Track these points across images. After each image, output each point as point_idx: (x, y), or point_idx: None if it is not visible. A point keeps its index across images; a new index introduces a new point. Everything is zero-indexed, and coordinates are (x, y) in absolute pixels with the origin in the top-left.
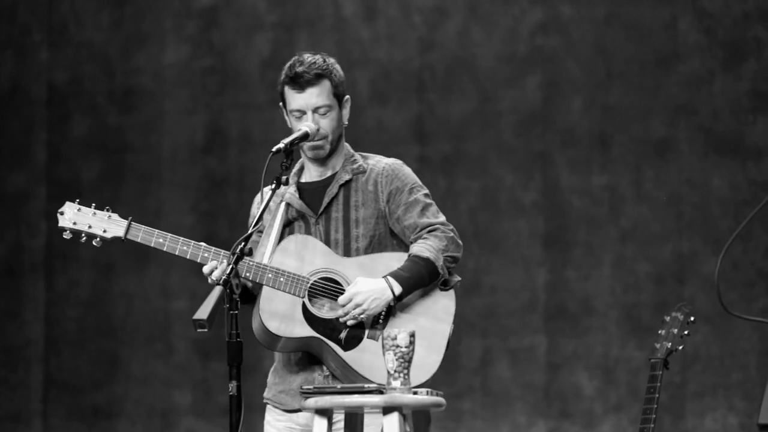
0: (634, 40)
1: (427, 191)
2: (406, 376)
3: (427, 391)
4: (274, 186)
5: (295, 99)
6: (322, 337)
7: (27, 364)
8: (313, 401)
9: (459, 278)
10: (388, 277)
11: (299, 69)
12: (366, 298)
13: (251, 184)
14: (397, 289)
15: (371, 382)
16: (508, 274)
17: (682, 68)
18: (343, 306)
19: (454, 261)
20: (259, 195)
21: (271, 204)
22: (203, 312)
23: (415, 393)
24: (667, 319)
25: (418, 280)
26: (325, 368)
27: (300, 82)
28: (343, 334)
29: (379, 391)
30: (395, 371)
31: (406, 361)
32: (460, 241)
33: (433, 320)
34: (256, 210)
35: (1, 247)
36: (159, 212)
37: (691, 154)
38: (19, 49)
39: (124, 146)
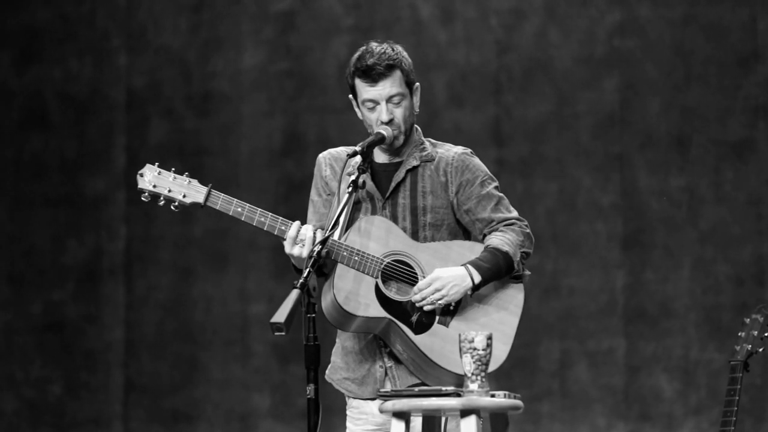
0: (713, 40)
1: (497, 183)
2: (484, 379)
3: (505, 394)
4: (351, 189)
5: (368, 91)
6: (393, 319)
7: (107, 368)
8: (391, 404)
9: (529, 273)
10: (468, 266)
11: (370, 61)
12: (446, 283)
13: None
14: (477, 278)
15: (439, 366)
16: (586, 277)
17: (762, 68)
18: (421, 290)
19: (527, 257)
20: (321, 158)
21: (338, 170)
22: (281, 315)
23: (492, 396)
24: (747, 321)
25: (496, 272)
26: (386, 359)
27: (372, 75)
28: (414, 317)
29: (457, 394)
30: (473, 374)
31: (484, 363)
32: (533, 238)
33: (503, 312)
34: (320, 183)
35: (81, 252)
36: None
37: None
38: (98, 54)
39: (202, 150)
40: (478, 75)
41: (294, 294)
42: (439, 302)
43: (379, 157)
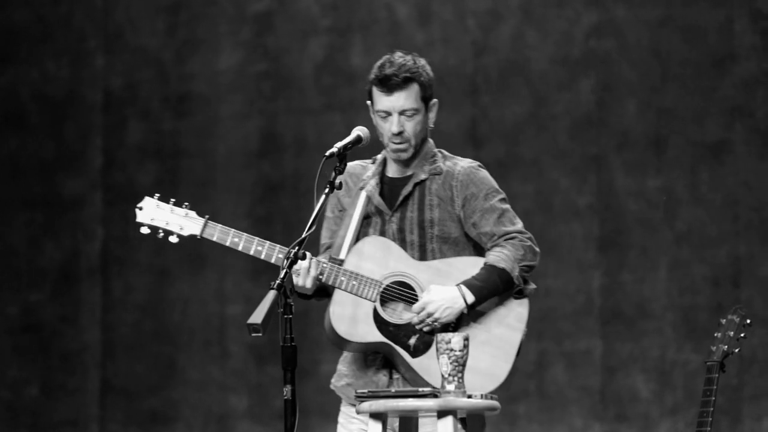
0: (690, 42)
1: (503, 195)
2: (461, 380)
3: (482, 395)
4: (327, 190)
5: (382, 100)
6: (390, 343)
7: (84, 369)
8: (368, 405)
9: (534, 286)
10: (461, 286)
11: (389, 71)
12: (438, 306)
13: (306, 189)
14: (470, 298)
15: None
16: (563, 278)
17: (738, 70)
18: (417, 314)
19: (530, 269)
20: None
21: (352, 185)
22: (258, 316)
23: (469, 396)
24: (723, 321)
25: (492, 290)
26: (395, 371)
27: (389, 85)
28: (412, 340)
29: (434, 395)
30: (449, 375)
31: (461, 364)
32: (537, 249)
33: (505, 328)
34: (334, 199)
35: (58, 253)
36: (214, 217)
37: (747, 156)
38: (75, 55)
39: (179, 151)
40: (455, 76)
41: (271, 295)
42: (435, 324)
43: (390, 170)
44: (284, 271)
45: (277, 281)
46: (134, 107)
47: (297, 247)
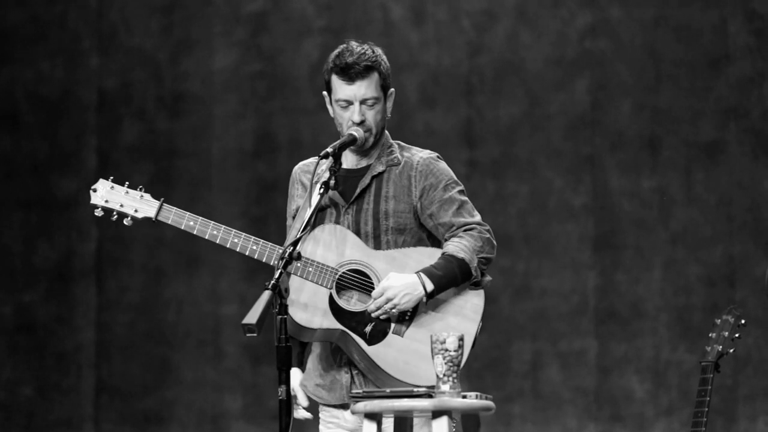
0: (684, 42)
1: (461, 187)
2: (455, 380)
3: (477, 395)
4: (322, 191)
5: (344, 89)
6: (346, 330)
7: (78, 370)
8: (362, 405)
9: (490, 278)
10: (421, 273)
11: (349, 59)
12: (397, 292)
13: None
14: (429, 286)
15: (392, 377)
16: (558, 278)
17: (732, 70)
18: (375, 299)
19: (487, 262)
20: (293, 174)
21: (307, 183)
22: (252, 316)
23: (464, 397)
24: (718, 322)
25: (451, 279)
26: (353, 366)
27: (350, 74)
28: (368, 328)
29: (428, 395)
30: (444, 375)
31: (455, 365)
32: (494, 242)
33: (461, 319)
34: (291, 203)
35: (53, 253)
36: (208, 217)
37: (741, 157)
38: (69, 55)
39: (173, 151)
40: (450, 76)
41: (265, 295)
42: (392, 311)
43: (346, 161)
44: (279, 271)
45: (272, 281)
46: (129, 107)
47: (292, 247)
